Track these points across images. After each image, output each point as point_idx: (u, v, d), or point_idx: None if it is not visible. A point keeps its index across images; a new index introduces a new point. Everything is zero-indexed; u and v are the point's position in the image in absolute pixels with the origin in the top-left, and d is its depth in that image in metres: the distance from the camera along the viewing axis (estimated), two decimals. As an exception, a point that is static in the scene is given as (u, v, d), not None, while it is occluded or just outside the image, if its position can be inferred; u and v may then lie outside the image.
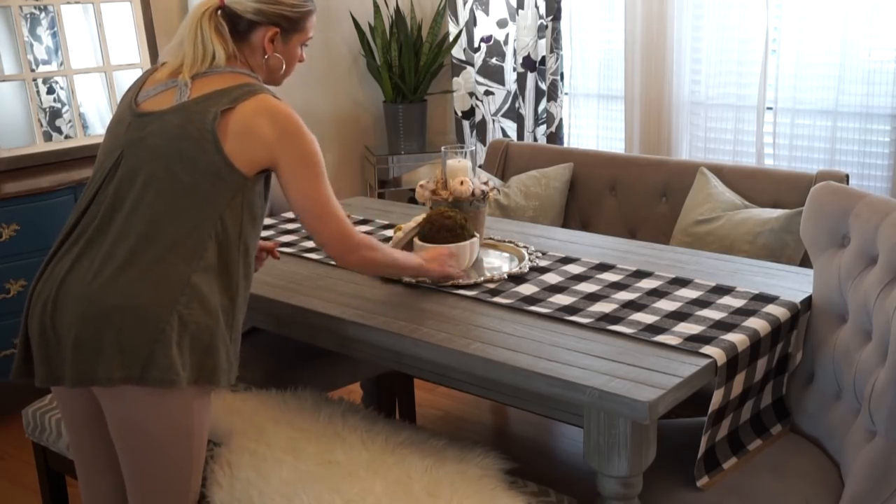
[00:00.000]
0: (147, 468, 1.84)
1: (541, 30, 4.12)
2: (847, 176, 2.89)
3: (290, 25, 1.95)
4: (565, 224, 3.34)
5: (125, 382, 1.72)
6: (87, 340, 1.73)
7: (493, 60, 4.36)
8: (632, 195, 3.24)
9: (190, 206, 1.79)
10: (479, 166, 3.67)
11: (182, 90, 1.85)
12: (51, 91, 3.66)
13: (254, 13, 1.90)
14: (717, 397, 1.86)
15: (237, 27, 1.91)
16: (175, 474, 1.85)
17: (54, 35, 3.68)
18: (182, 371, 1.74)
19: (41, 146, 3.61)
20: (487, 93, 4.39)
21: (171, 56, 1.92)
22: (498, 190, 3.30)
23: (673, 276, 2.28)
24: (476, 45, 4.38)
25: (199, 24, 1.88)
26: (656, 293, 2.16)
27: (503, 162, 3.55)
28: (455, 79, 4.52)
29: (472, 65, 4.43)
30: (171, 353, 1.72)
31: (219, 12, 1.90)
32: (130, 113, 1.89)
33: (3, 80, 3.54)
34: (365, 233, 2.74)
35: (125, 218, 1.79)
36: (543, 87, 4.17)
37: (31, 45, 3.61)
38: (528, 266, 2.36)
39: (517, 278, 2.29)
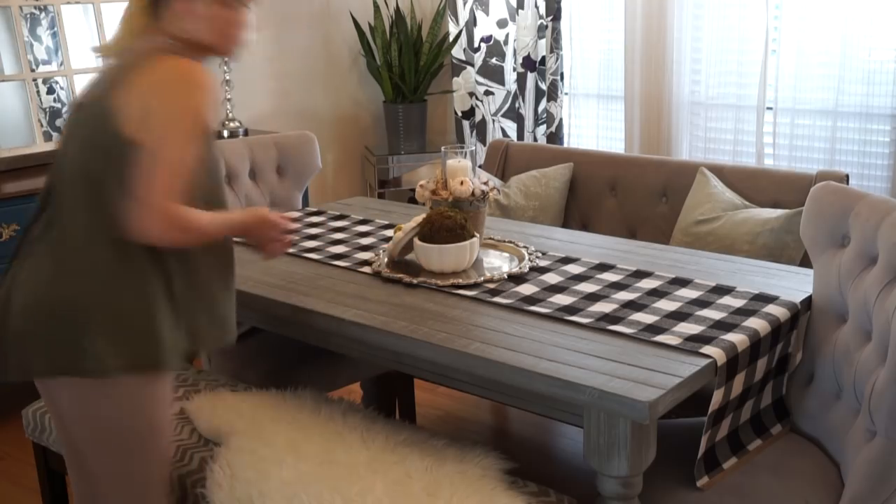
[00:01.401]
0: (97, 461, 1.84)
1: (541, 30, 4.12)
2: (847, 176, 2.89)
3: None
4: (565, 224, 3.34)
5: (59, 374, 1.74)
6: (24, 334, 1.75)
7: (493, 60, 4.36)
8: (632, 195, 3.24)
9: (103, 191, 1.75)
10: (479, 166, 3.67)
11: (98, 75, 1.85)
12: (51, 91, 3.66)
13: None
14: (717, 397, 1.86)
15: (156, 2, 1.84)
16: (127, 466, 1.85)
17: (54, 35, 3.68)
18: (113, 359, 1.72)
19: (41, 146, 3.61)
20: (487, 93, 4.39)
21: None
22: (498, 190, 3.30)
23: (673, 276, 2.28)
24: (476, 45, 4.38)
25: (127, 8, 1.87)
26: (656, 293, 2.16)
27: (503, 162, 3.55)
28: (455, 79, 4.52)
29: (472, 65, 4.43)
30: (98, 343, 1.71)
31: None
32: (71, 107, 1.92)
33: (3, 80, 3.54)
34: (364, 233, 2.74)
35: (54, 212, 1.80)
36: (543, 87, 4.17)
37: (31, 45, 3.61)
38: (528, 266, 2.36)
39: (517, 278, 2.29)
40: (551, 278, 2.28)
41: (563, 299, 2.14)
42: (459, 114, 4.53)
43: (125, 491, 1.88)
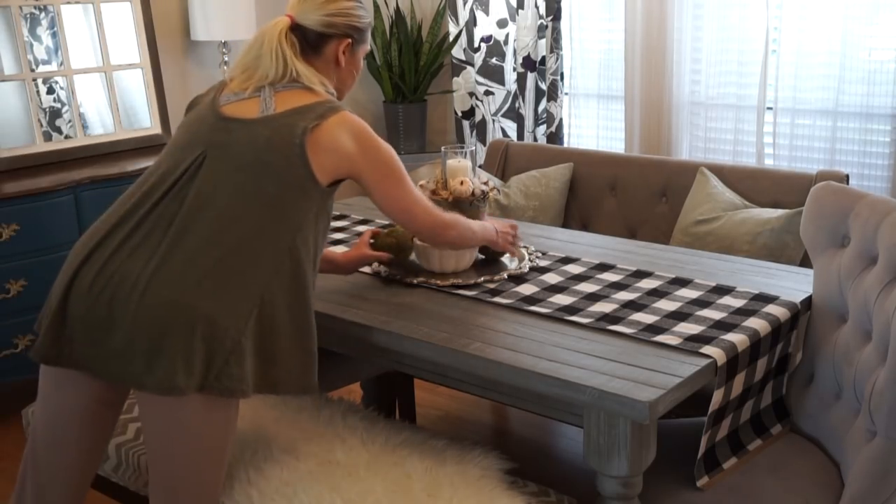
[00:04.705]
0: (172, 476, 1.82)
1: (541, 30, 4.12)
2: (847, 176, 2.89)
3: (360, 36, 2.04)
4: (565, 224, 3.34)
5: (191, 391, 1.72)
6: (147, 343, 1.72)
7: (493, 60, 4.36)
8: (632, 195, 3.24)
9: (273, 220, 1.82)
10: (479, 166, 3.67)
11: (267, 102, 1.89)
12: (51, 91, 3.66)
13: (325, 26, 1.97)
14: (717, 397, 1.86)
15: (308, 41, 1.97)
16: (196, 483, 1.82)
17: (54, 35, 3.67)
18: (247, 380, 1.76)
19: (41, 146, 3.61)
20: (487, 93, 4.39)
21: (240, 71, 1.96)
22: (498, 190, 3.30)
23: (673, 276, 2.28)
24: (476, 45, 4.38)
25: (278, 41, 1.92)
26: (656, 293, 2.16)
27: (503, 162, 3.55)
28: (455, 79, 4.51)
29: (472, 65, 4.43)
30: (244, 364, 1.75)
31: (291, 30, 1.95)
32: (213, 114, 1.91)
33: (3, 80, 3.54)
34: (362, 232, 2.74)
35: (210, 224, 1.79)
36: (543, 87, 4.17)
37: (31, 45, 3.61)
38: (528, 266, 2.36)
39: (517, 278, 2.29)
40: (551, 278, 2.28)
41: (563, 299, 2.14)
42: (459, 114, 4.53)
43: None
